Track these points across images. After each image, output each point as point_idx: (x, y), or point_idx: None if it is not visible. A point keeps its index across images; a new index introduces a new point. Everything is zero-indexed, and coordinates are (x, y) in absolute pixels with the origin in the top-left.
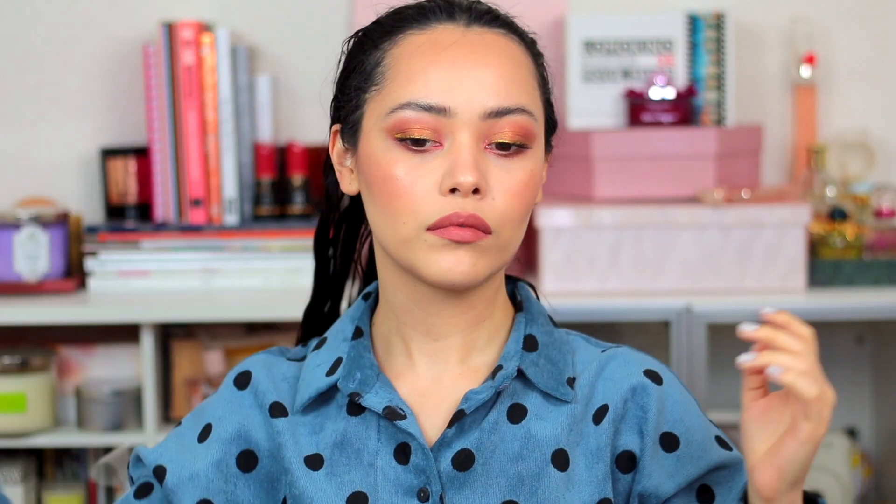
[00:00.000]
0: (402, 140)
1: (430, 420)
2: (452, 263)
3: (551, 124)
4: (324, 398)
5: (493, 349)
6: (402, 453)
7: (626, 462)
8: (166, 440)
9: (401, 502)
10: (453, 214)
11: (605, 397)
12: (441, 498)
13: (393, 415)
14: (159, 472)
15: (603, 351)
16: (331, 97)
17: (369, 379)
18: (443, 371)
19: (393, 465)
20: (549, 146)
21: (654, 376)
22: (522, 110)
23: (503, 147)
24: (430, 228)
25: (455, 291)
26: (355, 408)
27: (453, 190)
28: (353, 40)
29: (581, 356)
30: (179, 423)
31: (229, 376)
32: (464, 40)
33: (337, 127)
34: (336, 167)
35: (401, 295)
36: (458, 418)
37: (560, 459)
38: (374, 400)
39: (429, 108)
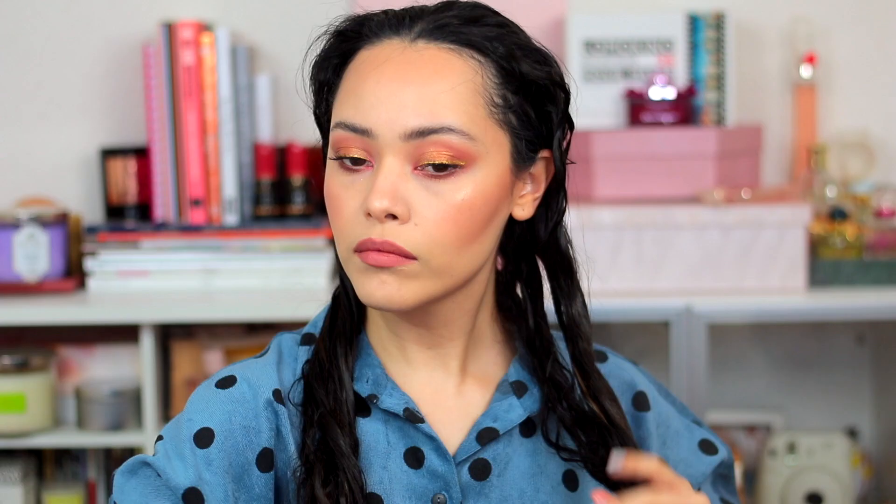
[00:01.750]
0: (339, 159)
1: (438, 422)
2: (376, 287)
3: (552, 136)
4: None
5: (489, 358)
6: (414, 457)
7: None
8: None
9: None
10: (367, 240)
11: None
12: None
13: (413, 417)
14: (193, 496)
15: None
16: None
17: (381, 379)
18: (444, 379)
19: (404, 468)
20: (560, 152)
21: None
22: (449, 129)
23: (439, 168)
24: (356, 250)
25: (400, 313)
26: (364, 407)
27: (368, 214)
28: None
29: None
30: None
31: (210, 381)
32: (399, 57)
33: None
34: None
35: (381, 317)
36: (490, 436)
37: (568, 477)
38: (390, 402)
39: (354, 129)
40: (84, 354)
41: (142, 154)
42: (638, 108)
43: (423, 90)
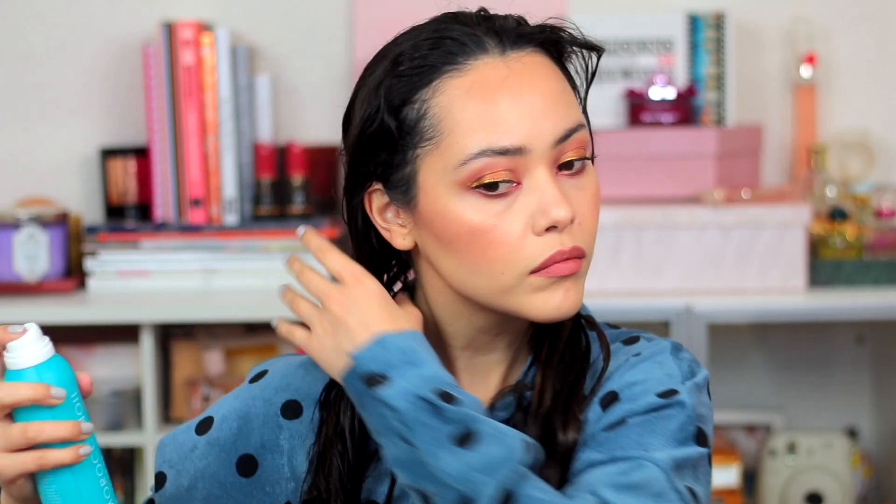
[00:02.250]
0: (477, 188)
1: None
2: (561, 299)
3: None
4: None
5: (524, 357)
6: None
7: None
8: (176, 433)
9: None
10: (556, 253)
11: (616, 383)
12: None
13: None
14: (160, 479)
15: (622, 341)
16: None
17: None
18: (482, 390)
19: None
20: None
21: (632, 341)
22: (582, 125)
23: (569, 166)
24: (534, 271)
25: (492, 317)
26: None
27: (549, 228)
28: (371, 94)
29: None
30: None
31: (248, 375)
32: (511, 73)
33: (378, 186)
34: (380, 225)
35: (453, 320)
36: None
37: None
38: None
39: (505, 152)
40: (84, 354)
41: (142, 154)
42: (638, 108)
43: (551, 94)
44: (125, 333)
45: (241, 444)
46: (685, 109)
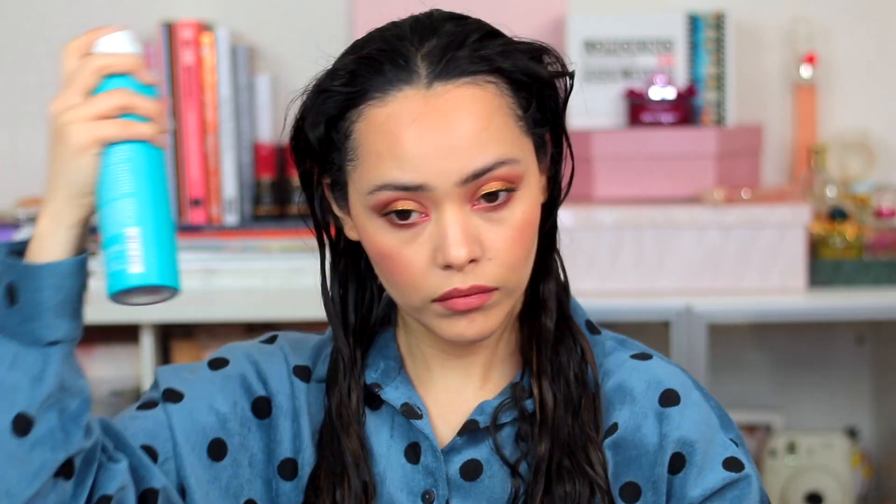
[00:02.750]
0: (387, 214)
1: (446, 425)
2: (464, 328)
3: (555, 130)
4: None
5: (515, 359)
6: (413, 453)
7: (630, 492)
8: (182, 368)
9: (405, 501)
10: (453, 290)
11: (619, 415)
12: (447, 503)
13: (410, 412)
14: (172, 395)
15: (632, 356)
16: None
17: (391, 371)
18: (464, 385)
19: (402, 462)
20: (556, 149)
21: (670, 399)
22: (502, 163)
23: (491, 197)
24: (436, 300)
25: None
26: (372, 398)
27: (447, 265)
28: (314, 95)
29: (609, 363)
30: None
31: (256, 339)
32: (426, 109)
33: (328, 180)
34: (336, 213)
35: (421, 327)
36: (470, 428)
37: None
38: (393, 394)
39: (406, 188)
40: (84, 354)
41: None
42: (638, 108)
43: (469, 133)
44: (125, 333)
45: (257, 388)
46: (685, 109)
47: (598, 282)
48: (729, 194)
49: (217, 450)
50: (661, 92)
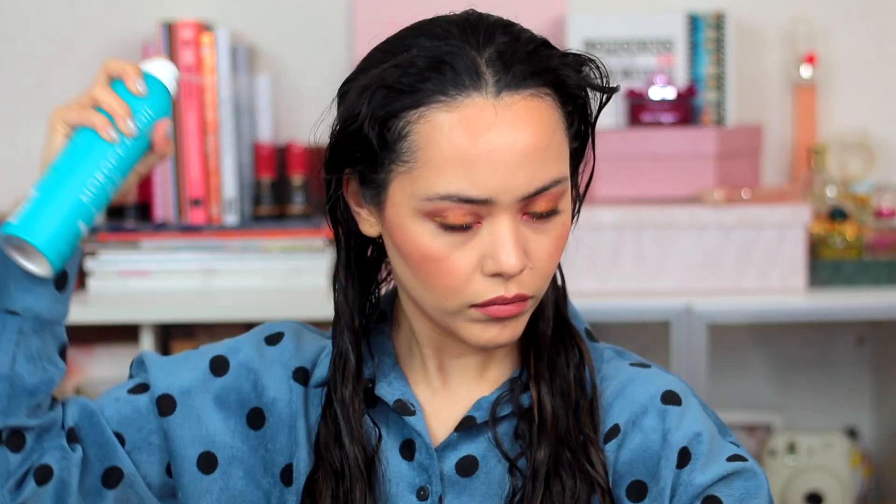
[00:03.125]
0: (440, 222)
1: (441, 422)
2: (496, 333)
3: (584, 139)
4: None
5: (511, 359)
6: (408, 449)
7: (636, 490)
8: (176, 365)
9: (401, 498)
10: (498, 298)
11: (619, 416)
12: (440, 499)
13: (403, 409)
14: (165, 403)
15: (630, 364)
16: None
17: (385, 367)
18: (459, 384)
19: (398, 459)
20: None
21: (671, 398)
22: (557, 182)
23: (537, 216)
24: (475, 306)
25: None
26: (367, 396)
27: (496, 273)
28: (361, 93)
29: (608, 369)
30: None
31: (259, 331)
32: (496, 120)
33: (355, 175)
34: (352, 206)
35: (424, 328)
36: (467, 424)
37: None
38: (386, 391)
39: (471, 201)
40: (84, 354)
41: None
42: (638, 108)
43: (532, 150)
44: (125, 333)
45: (253, 399)
46: (685, 109)
47: (598, 282)
48: (729, 194)
49: (206, 463)
50: (661, 92)
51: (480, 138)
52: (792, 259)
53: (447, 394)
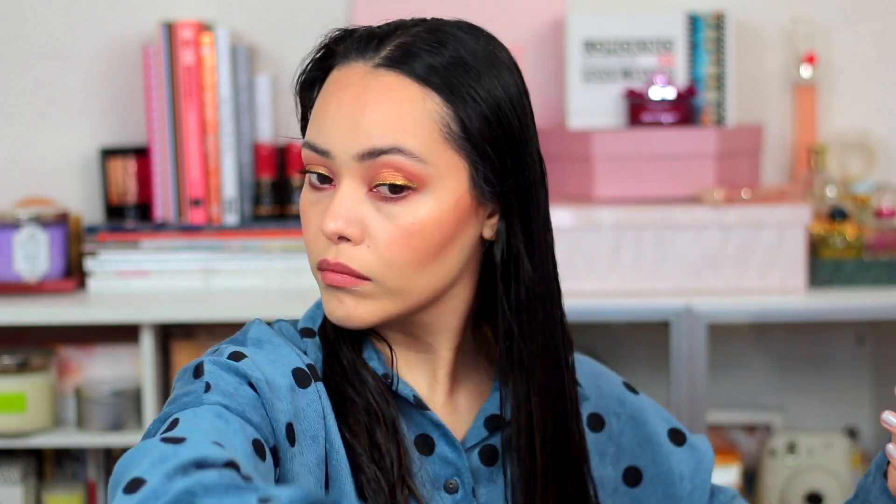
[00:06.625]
0: (307, 173)
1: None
2: (335, 306)
3: (520, 173)
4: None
5: (479, 376)
6: (424, 444)
7: (632, 476)
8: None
9: (427, 493)
10: (323, 260)
11: (597, 406)
12: (473, 492)
13: (421, 404)
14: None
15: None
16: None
17: (387, 369)
18: (434, 383)
19: (416, 454)
20: (520, 192)
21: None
22: (399, 150)
23: (392, 189)
24: (318, 268)
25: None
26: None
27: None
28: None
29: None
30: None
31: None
32: (360, 83)
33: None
34: None
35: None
36: (496, 422)
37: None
38: (402, 388)
39: (316, 150)
40: (84, 354)
41: (142, 154)
42: (638, 108)
43: (379, 113)
44: (125, 333)
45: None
46: (685, 109)
47: (597, 282)
48: (729, 194)
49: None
50: (661, 92)
51: (337, 93)
52: (792, 259)
53: (432, 397)
